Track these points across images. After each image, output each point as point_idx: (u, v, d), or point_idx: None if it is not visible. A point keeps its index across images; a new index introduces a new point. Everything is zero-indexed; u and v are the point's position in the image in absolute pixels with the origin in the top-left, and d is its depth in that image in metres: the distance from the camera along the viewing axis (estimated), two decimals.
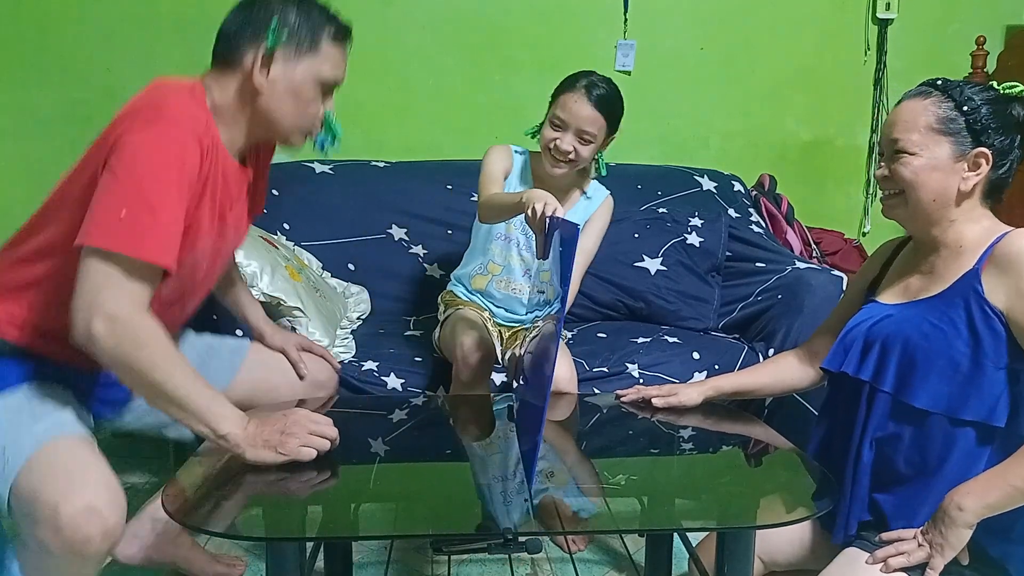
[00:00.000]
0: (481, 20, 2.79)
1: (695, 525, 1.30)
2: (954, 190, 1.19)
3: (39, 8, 2.63)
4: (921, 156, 1.19)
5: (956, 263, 1.21)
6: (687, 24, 2.86)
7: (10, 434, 1.19)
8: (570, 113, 1.85)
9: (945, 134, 1.19)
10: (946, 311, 1.18)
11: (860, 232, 3.01)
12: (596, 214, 2.04)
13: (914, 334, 1.20)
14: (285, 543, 1.09)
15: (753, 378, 1.53)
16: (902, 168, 1.21)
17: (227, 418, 1.17)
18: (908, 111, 1.22)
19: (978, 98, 1.19)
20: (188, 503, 1.10)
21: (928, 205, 1.21)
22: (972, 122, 1.18)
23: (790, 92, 2.94)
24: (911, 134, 1.20)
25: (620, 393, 1.55)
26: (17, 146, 2.68)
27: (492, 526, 1.07)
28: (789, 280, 2.26)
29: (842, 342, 1.29)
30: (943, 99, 1.20)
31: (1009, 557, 1.16)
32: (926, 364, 1.18)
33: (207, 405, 1.17)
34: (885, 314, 1.26)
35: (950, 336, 1.17)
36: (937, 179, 1.19)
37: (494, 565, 1.86)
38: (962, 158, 1.19)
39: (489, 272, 2.05)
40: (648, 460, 1.37)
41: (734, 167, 2.81)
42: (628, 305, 2.41)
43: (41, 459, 1.15)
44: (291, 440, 1.17)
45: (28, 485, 1.13)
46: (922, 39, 2.94)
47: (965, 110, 1.18)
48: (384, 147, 2.72)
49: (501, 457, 1.36)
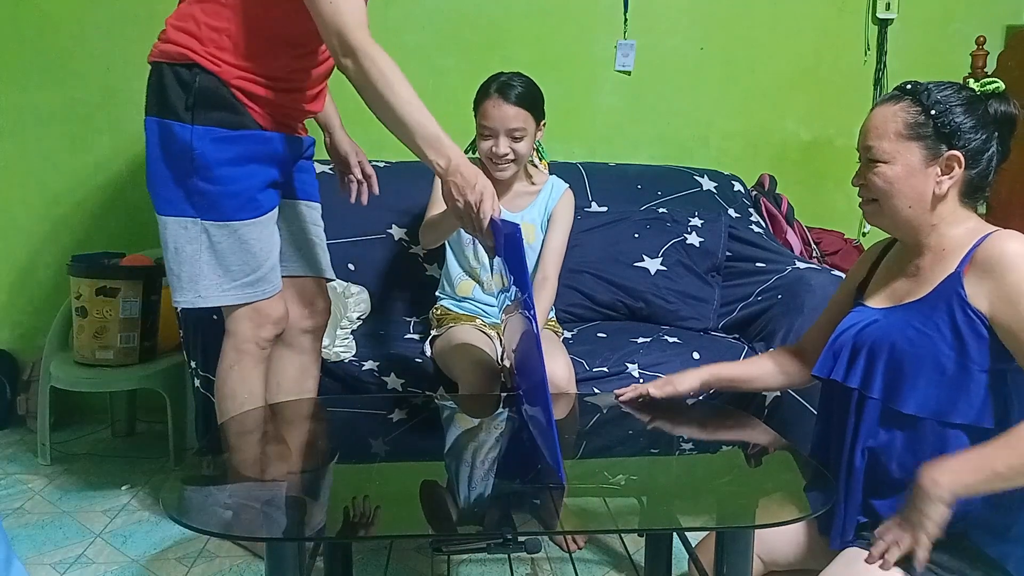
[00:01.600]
0: (481, 20, 2.79)
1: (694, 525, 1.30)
2: (929, 195, 1.19)
3: (39, 8, 2.63)
4: (893, 164, 1.20)
5: (940, 266, 1.20)
6: (687, 24, 2.86)
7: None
8: (494, 119, 1.93)
9: (915, 139, 1.19)
10: (930, 315, 1.18)
11: (860, 232, 3.01)
12: (558, 210, 2.09)
13: (900, 340, 1.19)
14: (285, 543, 1.09)
15: (748, 369, 1.52)
16: (875, 177, 1.21)
17: (453, 148, 1.41)
18: (879, 118, 1.22)
19: (949, 100, 1.18)
20: (188, 503, 1.10)
21: (904, 212, 1.21)
22: (941, 125, 1.17)
23: (790, 92, 2.94)
24: (882, 141, 1.20)
25: (618, 392, 1.55)
26: (17, 146, 2.68)
27: (492, 526, 1.07)
28: (789, 280, 2.26)
29: (831, 347, 1.29)
30: (912, 104, 1.19)
31: (1007, 557, 1.16)
32: (913, 370, 1.18)
33: (436, 133, 1.40)
34: (872, 319, 1.26)
35: (935, 340, 1.16)
36: (911, 185, 1.19)
37: (494, 565, 1.86)
38: (934, 162, 1.18)
39: (472, 277, 2.08)
40: (648, 460, 1.37)
41: (734, 167, 2.81)
42: (628, 305, 2.41)
43: None
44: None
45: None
46: (922, 39, 2.94)
47: (933, 114, 1.18)
48: (384, 147, 2.69)
49: (501, 456, 1.36)
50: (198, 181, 1.54)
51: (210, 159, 1.53)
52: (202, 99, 1.52)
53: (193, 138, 1.52)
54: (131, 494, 2.22)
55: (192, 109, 1.52)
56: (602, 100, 2.88)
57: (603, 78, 2.87)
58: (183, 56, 1.53)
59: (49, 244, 2.73)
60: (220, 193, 1.55)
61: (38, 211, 2.72)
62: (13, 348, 2.75)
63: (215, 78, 1.52)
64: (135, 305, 2.32)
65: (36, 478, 2.32)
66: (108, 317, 2.29)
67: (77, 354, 2.34)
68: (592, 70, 2.86)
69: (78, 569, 1.84)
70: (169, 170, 1.55)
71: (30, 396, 2.65)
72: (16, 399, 2.71)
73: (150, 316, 2.36)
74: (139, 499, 2.18)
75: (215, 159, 1.53)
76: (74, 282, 2.32)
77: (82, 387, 2.34)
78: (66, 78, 2.66)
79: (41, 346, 2.48)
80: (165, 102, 1.54)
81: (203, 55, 1.52)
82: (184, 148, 1.53)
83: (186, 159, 1.53)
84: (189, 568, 1.85)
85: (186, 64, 1.53)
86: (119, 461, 2.45)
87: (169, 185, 1.56)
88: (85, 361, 2.32)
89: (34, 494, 2.21)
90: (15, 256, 2.73)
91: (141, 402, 2.66)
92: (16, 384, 2.73)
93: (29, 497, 2.19)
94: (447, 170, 1.39)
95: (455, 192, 1.39)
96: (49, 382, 2.35)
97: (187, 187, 1.55)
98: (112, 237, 2.70)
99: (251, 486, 1.17)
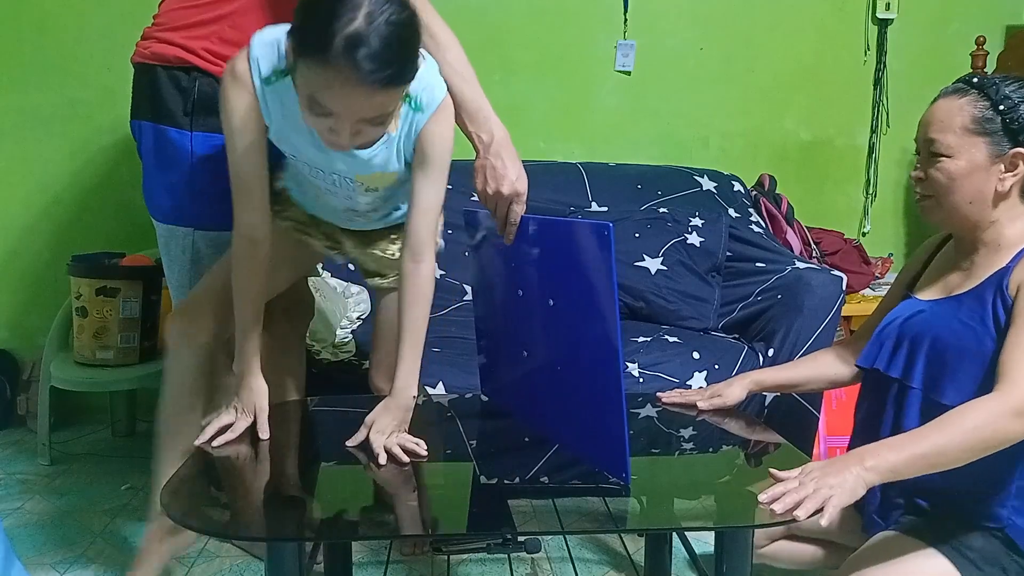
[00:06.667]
0: (481, 20, 2.79)
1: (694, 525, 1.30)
2: (991, 192, 1.17)
3: (39, 8, 2.63)
4: (957, 159, 1.16)
5: (993, 260, 1.19)
6: (687, 24, 2.86)
7: None
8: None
9: (981, 135, 1.16)
10: (977, 308, 1.17)
11: (860, 232, 3.01)
12: (427, 140, 1.31)
13: (944, 331, 1.18)
14: (285, 543, 1.09)
15: (792, 373, 1.49)
16: (937, 172, 1.18)
17: (499, 125, 1.32)
18: (944, 110, 1.18)
19: (1015, 95, 1.15)
20: (188, 503, 1.10)
21: (965, 208, 1.18)
22: (1009, 121, 1.15)
23: (790, 92, 2.94)
24: (946, 135, 1.17)
25: (661, 395, 1.52)
26: (17, 146, 2.68)
27: (491, 526, 1.07)
28: (789, 280, 2.26)
29: (877, 337, 1.28)
30: (979, 98, 1.16)
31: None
32: (955, 361, 1.16)
33: (480, 104, 1.34)
34: (918, 310, 1.24)
35: (979, 333, 1.15)
36: (973, 182, 1.16)
37: (494, 565, 1.86)
38: (999, 159, 1.16)
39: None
40: (648, 460, 1.37)
41: (734, 167, 2.81)
42: (628, 304, 2.41)
43: None
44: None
45: None
46: (922, 39, 2.94)
47: (1002, 109, 1.15)
48: None
49: (501, 456, 1.36)
50: (195, 188, 1.50)
51: (209, 166, 1.49)
52: (202, 105, 1.48)
53: (193, 144, 1.49)
54: (131, 494, 2.22)
55: (191, 115, 1.49)
56: (602, 100, 2.88)
57: (603, 78, 2.87)
58: (180, 60, 1.49)
59: (49, 244, 2.73)
60: (219, 201, 1.50)
61: (38, 211, 2.72)
62: (13, 348, 2.75)
63: (216, 81, 1.49)
64: (135, 305, 2.32)
65: (36, 478, 2.32)
66: (108, 317, 2.29)
67: (77, 354, 2.34)
68: (592, 70, 2.86)
69: (78, 569, 1.84)
70: (165, 177, 1.52)
71: (30, 396, 2.65)
72: (16, 399, 2.71)
73: (150, 316, 2.36)
74: (139, 499, 2.18)
75: (215, 166, 1.48)
76: (74, 282, 2.32)
77: (82, 387, 2.34)
78: (66, 78, 2.66)
79: (41, 346, 2.48)
80: (160, 107, 1.50)
81: (201, 55, 1.49)
82: (182, 155, 1.50)
83: (183, 166, 1.50)
84: (189, 568, 1.85)
85: (184, 68, 1.49)
86: (119, 461, 2.45)
87: (164, 192, 1.53)
88: (85, 361, 2.32)
89: (34, 494, 2.21)
90: (15, 256, 2.73)
91: (141, 402, 2.66)
92: (16, 384, 2.73)
93: (29, 497, 2.19)
94: (487, 146, 1.34)
95: (489, 176, 1.33)
96: (49, 382, 2.35)
97: (183, 194, 1.52)
98: (112, 237, 2.70)
99: (251, 486, 1.17)
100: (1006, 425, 1.03)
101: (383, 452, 1.21)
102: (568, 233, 1.25)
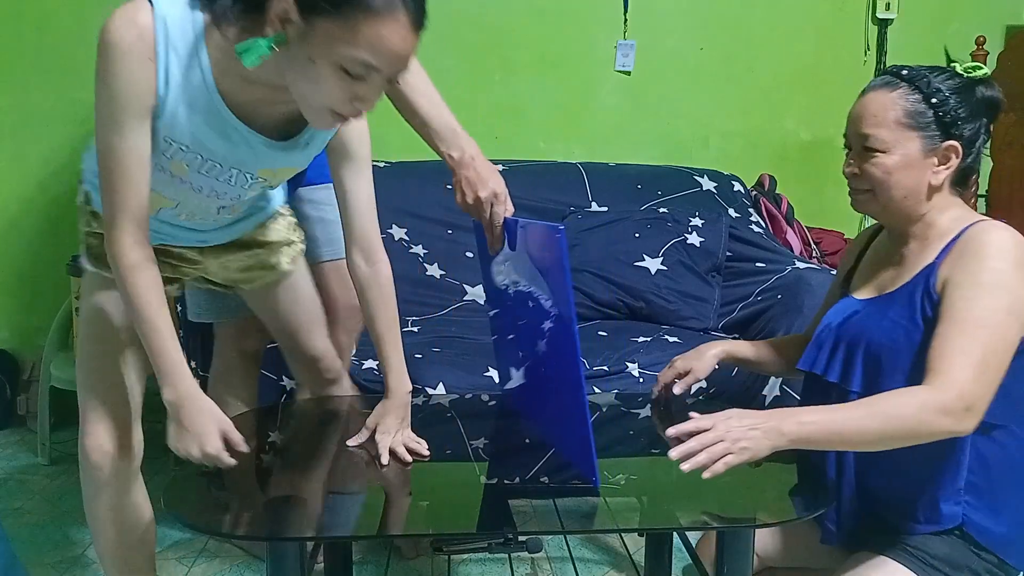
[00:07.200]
0: (481, 20, 2.79)
1: (694, 525, 1.30)
2: (925, 185, 1.17)
3: (39, 8, 2.63)
4: (892, 154, 1.16)
5: (922, 255, 1.18)
6: (687, 24, 2.86)
7: None
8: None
9: (915, 129, 1.15)
10: (905, 305, 1.16)
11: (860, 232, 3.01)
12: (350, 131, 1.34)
13: (876, 332, 1.18)
14: (285, 543, 1.09)
15: (763, 352, 1.48)
16: (873, 168, 1.17)
17: (469, 141, 1.33)
18: (876, 104, 1.17)
19: (945, 87, 1.15)
20: (188, 503, 1.10)
21: (900, 202, 1.18)
22: (942, 115, 1.14)
23: (790, 92, 2.94)
24: (880, 130, 1.16)
25: (655, 399, 1.52)
26: (17, 146, 2.68)
27: (492, 525, 1.07)
28: (789, 280, 2.26)
29: (815, 341, 1.27)
30: (910, 91, 1.15)
31: (1005, 546, 1.15)
32: (890, 362, 1.15)
33: (451, 124, 1.34)
34: (853, 311, 1.24)
35: (910, 331, 1.14)
36: (908, 176, 1.16)
37: (494, 565, 1.86)
38: (932, 152, 1.16)
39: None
40: (648, 460, 1.37)
41: (734, 167, 2.81)
42: (628, 304, 2.42)
43: None
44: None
45: None
46: (922, 39, 2.94)
47: (934, 102, 1.14)
48: (384, 147, 2.71)
49: (502, 456, 1.36)
50: None
51: None
52: None
53: None
54: None
55: None
56: (602, 100, 2.88)
57: (603, 78, 2.87)
58: None
59: (49, 244, 2.73)
60: None
61: (38, 211, 2.72)
62: (13, 348, 2.75)
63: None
64: None
65: (36, 478, 2.32)
66: None
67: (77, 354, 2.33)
68: (592, 70, 2.86)
69: (78, 569, 1.84)
70: None
71: (30, 396, 2.65)
72: (16, 399, 2.71)
73: None
74: None
75: None
76: (74, 282, 2.32)
77: None
78: (66, 78, 2.66)
79: (41, 346, 2.48)
80: None
81: None
82: None
83: None
84: (189, 568, 1.85)
85: None
86: None
87: None
88: None
89: (34, 494, 2.21)
90: (15, 256, 2.73)
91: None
92: (16, 384, 2.73)
93: (29, 497, 2.19)
94: (459, 162, 1.35)
95: (466, 187, 1.35)
96: (49, 382, 2.35)
97: None
98: None
99: (251, 486, 1.17)
100: (932, 420, 1.03)
101: (387, 452, 1.21)
102: (526, 235, 1.26)
